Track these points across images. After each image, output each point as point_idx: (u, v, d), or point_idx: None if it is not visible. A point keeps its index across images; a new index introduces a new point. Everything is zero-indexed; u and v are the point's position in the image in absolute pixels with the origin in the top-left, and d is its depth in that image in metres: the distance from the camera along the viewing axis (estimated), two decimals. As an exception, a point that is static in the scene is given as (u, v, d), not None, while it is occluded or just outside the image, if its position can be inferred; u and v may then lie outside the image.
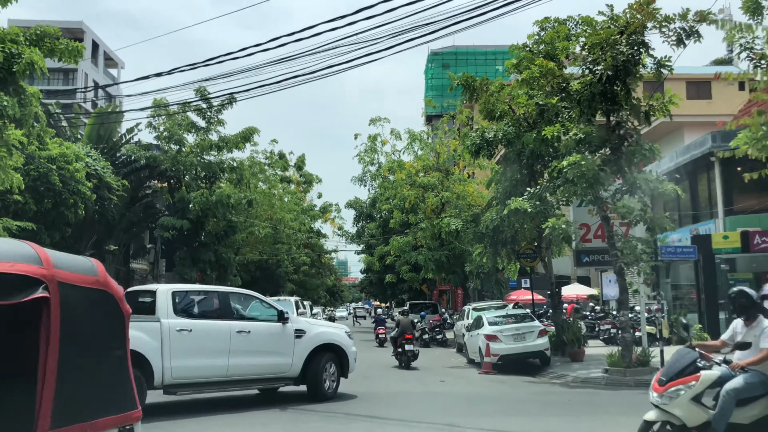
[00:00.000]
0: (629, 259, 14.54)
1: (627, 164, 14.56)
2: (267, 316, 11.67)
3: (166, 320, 10.38)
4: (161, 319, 10.37)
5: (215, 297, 11.63)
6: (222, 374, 10.84)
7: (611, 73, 14.78)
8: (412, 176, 32.47)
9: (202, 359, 10.54)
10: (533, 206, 15.52)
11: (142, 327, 9.96)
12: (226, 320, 11.03)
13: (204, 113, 32.84)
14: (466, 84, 19.60)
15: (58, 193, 24.66)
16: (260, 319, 11.57)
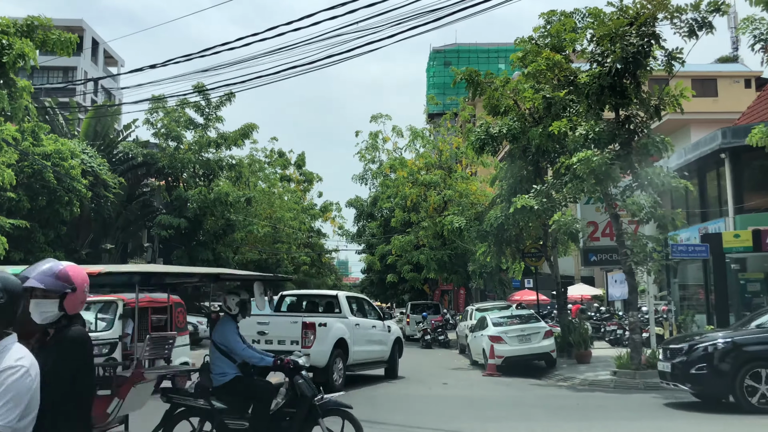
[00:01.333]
0: (639, 257, 14.04)
1: (638, 159, 14.06)
2: (375, 315, 15.45)
3: (349, 318, 13.74)
4: (347, 316, 13.73)
5: (358, 300, 15.62)
6: (368, 357, 14.33)
7: (620, 66, 14.32)
8: (414, 174, 31.96)
9: (362, 346, 13.91)
10: (540, 204, 15.02)
11: (342, 322, 13.29)
12: (367, 318, 14.80)
13: (202, 110, 32.39)
14: (469, 79, 19.10)
15: (53, 190, 24.20)
16: (374, 318, 15.26)
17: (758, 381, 9.85)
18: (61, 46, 14.58)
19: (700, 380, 10.25)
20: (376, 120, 34.55)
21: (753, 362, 9.93)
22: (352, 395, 12.46)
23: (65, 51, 14.69)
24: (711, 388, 10.35)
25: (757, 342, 10.26)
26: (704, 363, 10.13)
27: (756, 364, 9.89)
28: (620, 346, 23.02)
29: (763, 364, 9.86)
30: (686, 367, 10.30)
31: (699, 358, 10.19)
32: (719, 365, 10.08)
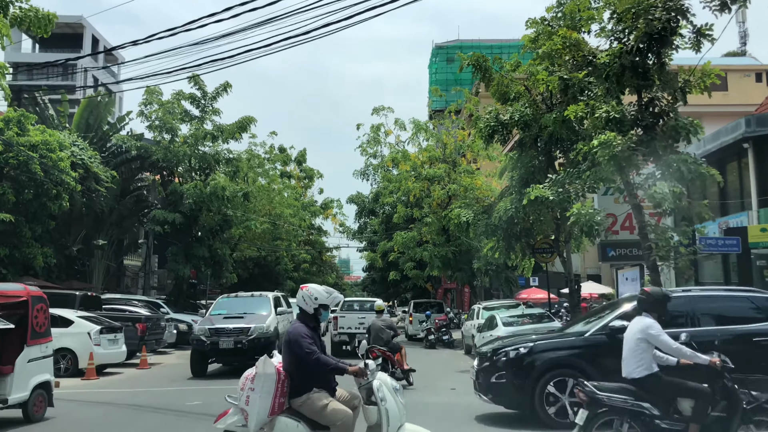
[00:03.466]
0: (664, 252, 12.92)
1: (664, 143, 12.92)
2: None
3: None
4: None
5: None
6: None
7: (643, 45, 13.21)
8: (417, 168, 30.82)
9: None
10: (555, 194, 13.89)
11: None
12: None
13: (198, 101, 31.29)
14: (476, 64, 17.98)
15: (40, 183, 23.13)
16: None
17: (562, 391, 8.63)
18: (38, 24, 13.47)
19: (499, 390, 9.06)
20: (377, 113, 33.38)
21: (556, 369, 8.74)
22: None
23: (42, 30, 13.59)
24: (510, 399, 9.08)
25: (561, 347, 9.05)
26: (504, 371, 8.93)
27: (559, 372, 8.69)
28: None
29: (568, 372, 8.62)
30: (487, 375, 9.12)
31: (501, 365, 8.99)
32: (517, 373, 8.87)
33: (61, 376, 15.49)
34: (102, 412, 10.41)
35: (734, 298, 9.29)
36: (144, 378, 15.84)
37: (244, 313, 16.31)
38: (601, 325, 8.91)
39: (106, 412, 10.33)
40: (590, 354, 8.70)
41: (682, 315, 8.78)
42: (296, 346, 5.45)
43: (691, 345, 7.03)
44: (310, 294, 5.72)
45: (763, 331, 8.67)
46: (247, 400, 5.29)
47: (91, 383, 14.62)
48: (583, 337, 8.95)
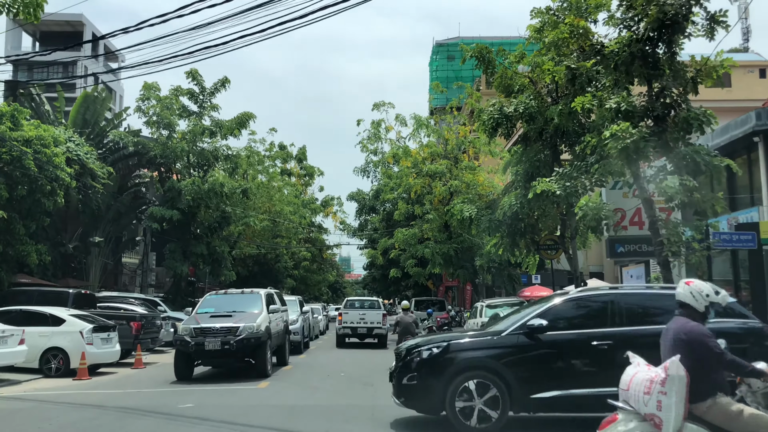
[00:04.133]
0: (677, 248, 12.42)
1: (676, 135, 12.43)
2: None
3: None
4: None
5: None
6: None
7: (654, 34, 12.73)
8: (418, 164, 30.34)
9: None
10: (562, 188, 13.40)
11: None
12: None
13: (196, 97, 30.85)
14: (479, 56, 17.53)
15: (34, 178, 22.63)
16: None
17: (473, 395, 7.94)
18: (25, 9, 12.92)
19: (411, 393, 8.37)
20: (378, 108, 32.91)
21: (470, 371, 8.05)
22: (352, 406, 10.93)
23: (30, 15, 13.05)
24: (422, 403, 8.37)
25: (477, 347, 8.30)
26: (416, 372, 8.27)
27: (473, 374, 8.02)
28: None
29: (483, 375, 7.97)
30: (400, 377, 8.46)
31: (414, 366, 8.31)
32: (429, 375, 8.17)
33: (53, 377, 15.10)
34: (89, 415, 9.94)
35: (664, 296, 8.46)
36: (138, 378, 15.38)
37: (233, 311, 15.15)
38: (519, 323, 8.29)
39: (93, 416, 9.87)
40: (507, 354, 8.09)
41: (607, 313, 8.22)
42: (702, 346, 4.95)
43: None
44: (700, 290, 5.18)
45: None
46: (659, 405, 4.80)
47: (83, 384, 14.16)
48: (499, 336, 8.29)
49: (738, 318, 8.34)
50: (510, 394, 7.90)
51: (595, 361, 7.99)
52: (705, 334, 5.04)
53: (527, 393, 7.90)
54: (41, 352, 15.42)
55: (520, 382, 7.93)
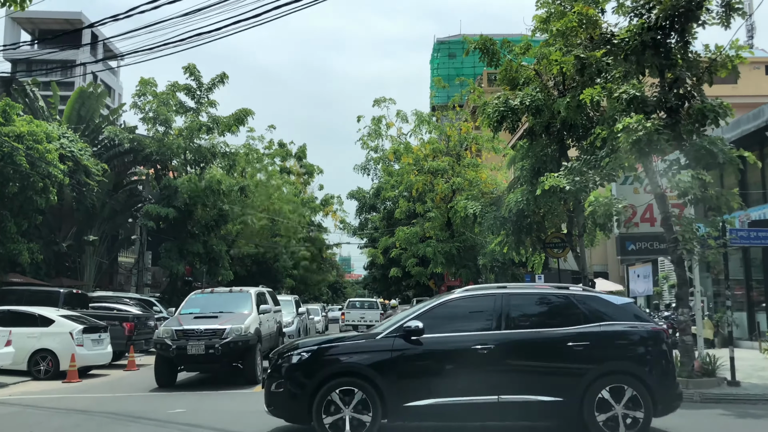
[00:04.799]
0: (692, 245, 11.87)
1: (690, 127, 11.89)
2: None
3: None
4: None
5: None
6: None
7: (667, 23, 12.19)
8: (419, 161, 29.76)
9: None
10: (571, 183, 12.84)
11: None
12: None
13: (193, 92, 30.31)
14: (483, 48, 16.96)
15: (26, 175, 22.05)
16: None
17: (345, 403, 7.30)
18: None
19: (278, 402, 7.68)
20: (379, 104, 32.32)
21: (340, 377, 7.42)
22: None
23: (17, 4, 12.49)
24: (290, 413, 7.69)
25: (350, 351, 7.66)
26: (284, 378, 7.61)
27: (343, 381, 7.39)
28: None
29: (354, 381, 7.35)
30: (270, 383, 7.76)
31: (284, 371, 7.64)
32: (297, 381, 7.54)
33: (41, 379, 14.57)
34: (73, 421, 9.39)
35: (554, 296, 8.04)
36: (129, 381, 14.83)
37: (219, 311, 13.92)
38: (396, 326, 7.68)
39: (76, 422, 9.31)
40: (380, 359, 7.47)
41: (491, 315, 7.63)
42: None
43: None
44: None
45: (580, 334, 7.55)
46: None
47: (72, 387, 13.62)
48: (374, 339, 7.72)
49: (633, 320, 7.84)
50: (382, 402, 7.27)
51: (475, 368, 7.42)
52: None
53: (401, 401, 7.30)
54: (29, 354, 14.88)
55: (393, 389, 7.29)
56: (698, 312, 13.79)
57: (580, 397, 7.32)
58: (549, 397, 7.33)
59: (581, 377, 7.37)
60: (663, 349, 7.72)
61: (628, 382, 7.41)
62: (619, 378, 7.45)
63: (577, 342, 7.50)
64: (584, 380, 7.36)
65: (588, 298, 7.93)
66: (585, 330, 7.60)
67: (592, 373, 7.39)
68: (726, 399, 10.85)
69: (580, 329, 7.60)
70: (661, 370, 7.61)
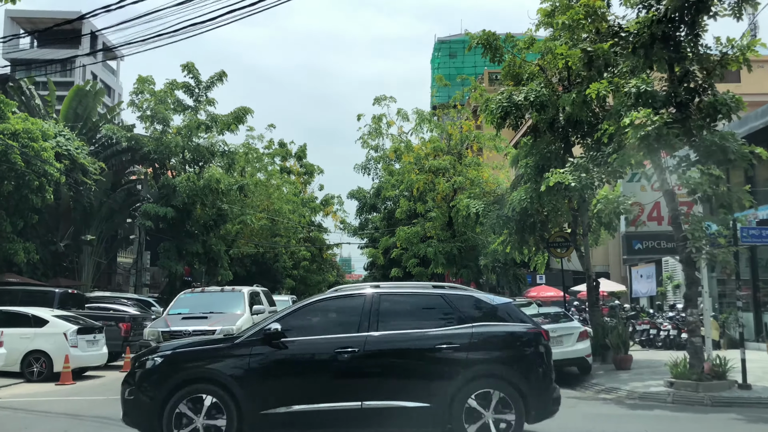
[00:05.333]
0: (701, 243, 11.53)
1: (700, 123, 11.55)
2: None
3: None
4: None
5: None
6: None
7: (676, 14, 11.87)
8: (420, 160, 29.41)
9: None
10: (577, 180, 12.50)
11: None
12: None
13: (192, 90, 30.01)
14: (486, 43, 16.63)
15: (21, 174, 21.75)
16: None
17: (197, 412, 6.80)
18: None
19: (131, 410, 7.09)
20: (379, 102, 31.93)
21: (193, 384, 6.94)
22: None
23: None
24: (141, 422, 7.05)
25: (206, 356, 7.19)
26: (136, 385, 7.08)
27: (196, 388, 6.90)
28: (653, 347, 20.63)
29: (207, 388, 6.88)
30: (123, 389, 7.24)
31: (138, 377, 7.11)
32: (149, 388, 6.99)
33: (34, 381, 14.23)
34: (62, 426, 9.06)
35: (427, 296, 7.60)
36: (124, 383, 14.48)
37: (209, 312, 13.28)
38: (256, 329, 7.26)
39: (65, 427, 8.99)
40: (238, 365, 7.02)
41: (359, 317, 7.20)
42: None
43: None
44: None
45: (450, 336, 7.14)
46: None
47: (65, 389, 13.29)
48: (233, 343, 7.24)
49: (509, 321, 7.43)
50: (238, 411, 6.80)
51: (339, 372, 7.03)
52: None
53: (258, 408, 6.83)
54: (23, 355, 14.56)
55: (249, 396, 6.83)
56: (706, 313, 13.44)
57: (448, 402, 6.89)
58: (415, 403, 6.87)
59: (450, 381, 6.95)
60: (539, 352, 7.31)
61: (499, 387, 7.01)
62: (490, 382, 7.06)
63: (446, 344, 7.09)
64: (453, 385, 6.93)
65: (462, 298, 7.52)
66: (455, 331, 7.18)
67: (461, 377, 6.97)
68: (738, 403, 10.52)
69: (450, 330, 7.20)
70: (535, 374, 7.22)
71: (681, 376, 11.52)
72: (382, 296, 7.43)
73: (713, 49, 12.40)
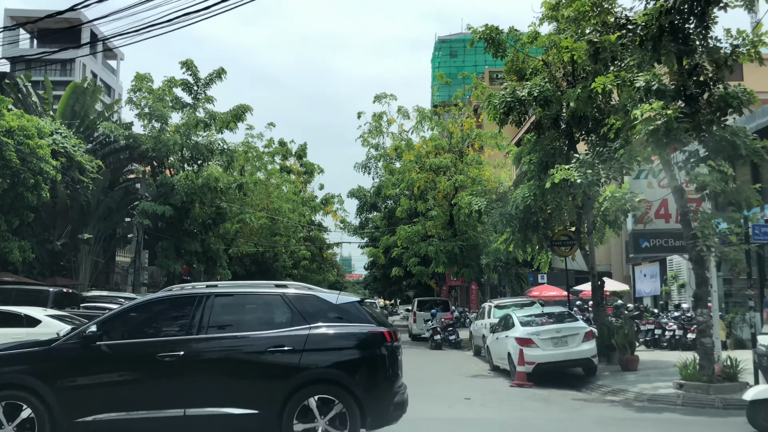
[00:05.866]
0: (712, 242, 11.20)
1: (710, 117, 11.23)
2: None
3: None
4: None
5: None
6: None
7: (685, 6, 11.54)
8: (421, 158, 29.08)
9: None
10: (583, 176, 12.18)
11: None
12: None
13: (190, 87, 29.69)
14: (489, 38, 16.28)
15: (16, 171, 21.46)
16: None
17: (10, 418, 6.47)
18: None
19: None
20: (380, 100, 31.59)
21: (3, 391, 6.53)
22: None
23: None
24: None
25: (17, 361, 6.78)
26: None
27: (7, 395, 6.51)
28: (658, 348, 20.30)
29: (18, 395, 6.48)
30: None
31: None
32: None
33: (27, 382, 13.92)
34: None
35: (265, 297, 7.16)
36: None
37: None
38: (75, 332, 6.90)
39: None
40: (52, 369, 6.63)
41: (190, 318, 6.82)
42: None
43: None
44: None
45: (282, 338, 6.76)
46: None
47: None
48: (49, 347, 6.82)
49: (355, 322, 6.99)
50: (51, 419, 6.42)
51: (161, 378, 6.65)
52: None
53: (72, 416, 6.46)
54: (15, 356, 14.20)
55: (64, 404, 6.44)
56: (715, 312, 13.12)
57: (278, 409, 6.50)
58: (243, 410, 6.48)
59: (281, 387, 6.58)
60: (380, 354, 6.86)
61: (333, 392, 6.63)
62: (324, 388, 6.67)
63: (277, 347, 6.71)
64: (284, 390, 6.55)
65: (303, 298, 7.09)
66: (289, 333, 6.79)
67: (293, 382, 6.60)
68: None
69: (284, 333, 6.80)
70: (374, 378, 6.81)
71: (691, 378, 11.20)
72: (216, 297, 7.00)
73: (723, 42, 12.09)
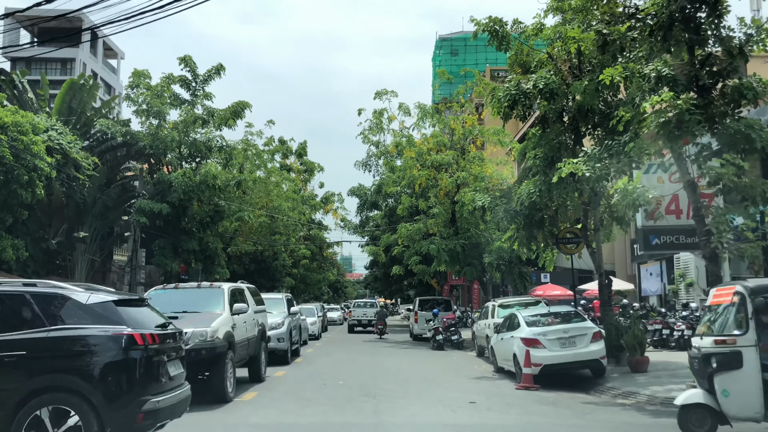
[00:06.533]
0: (726, 238, 10.77)
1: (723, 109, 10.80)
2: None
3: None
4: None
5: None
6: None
7: (698, -6, 11.13)
8: (422, 155, 28.62)
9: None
10: (591, 170, 11.74)
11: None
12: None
13: (188, 84, 29.24)
14: (492, 30, 15.83)
15: (10, 168, 20.97)
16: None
17: None
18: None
19: None
20: (380, 97, 31.04)
21: None
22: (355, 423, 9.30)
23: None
24: None
25: None
26: None
27: None
28: (666, 348, 19.85)
29: None
30: None
31: None
32: None
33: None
34: None
35: (6, 296, 6.63)
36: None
37: (182, 311, 11.58)
38: None
39: None
40: None
41: None
42: None
43: None
44: None
45: (12, 342, 6.29)
46: None
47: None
48: None
49: (104, 324, 6.49)
50: None
51: None
52: None
53: None
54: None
55: None
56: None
57: (7, 421, 6.05)
58: None
59: (9, 395, 6.14)
60: (126, 359, 6.36)
61: (67, 401, 6.16)
62: (58, 397, 6.20)
63: (5, 352, 6.25)
64: (13, 399, 6.12)
65: (48, 297, 6.59)
66: (22, 336, 6.32)
67: (23, 390, 6.16)
68: None
69: (16, 336, 6.34)
70: (117, 385, 6.31)
71: (704, 380, 10.74)
72: None
73: (736, 32, 11.68)
